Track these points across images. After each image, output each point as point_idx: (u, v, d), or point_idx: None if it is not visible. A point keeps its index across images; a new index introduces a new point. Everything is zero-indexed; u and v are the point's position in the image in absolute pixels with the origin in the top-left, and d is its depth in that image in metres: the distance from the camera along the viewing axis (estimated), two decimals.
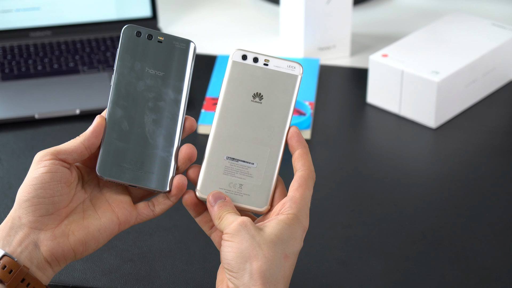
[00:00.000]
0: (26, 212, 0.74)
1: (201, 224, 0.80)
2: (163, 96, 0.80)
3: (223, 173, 0.78)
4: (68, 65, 1.28)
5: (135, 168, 0.78)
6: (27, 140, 1.14)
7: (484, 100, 1.21)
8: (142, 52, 0.80)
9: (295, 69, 0.78)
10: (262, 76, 0.79)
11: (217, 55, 1.32)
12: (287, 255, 0.74)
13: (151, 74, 0.80)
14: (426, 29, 1.24)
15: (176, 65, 0.81)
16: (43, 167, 0.75)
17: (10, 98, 1.21)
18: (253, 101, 0.78)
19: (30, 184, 0.74)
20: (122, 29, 0.80)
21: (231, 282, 0.73)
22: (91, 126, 0.78)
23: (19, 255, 0.73)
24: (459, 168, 1.07)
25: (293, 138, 0.78)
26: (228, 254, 0.73)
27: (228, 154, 0.78)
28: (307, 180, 0.76)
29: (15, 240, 0.74)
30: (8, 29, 1.34)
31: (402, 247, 0.93)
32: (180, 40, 0.82)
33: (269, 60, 0.79)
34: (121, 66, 0.80)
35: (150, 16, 1.39)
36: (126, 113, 0.79)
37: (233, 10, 1.50)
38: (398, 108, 1.17)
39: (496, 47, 1.19)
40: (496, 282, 0.88)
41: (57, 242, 0.75)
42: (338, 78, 1.29)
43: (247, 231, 0.73)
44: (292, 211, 0.75)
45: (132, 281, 0.89)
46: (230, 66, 0.79)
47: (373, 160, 1.10)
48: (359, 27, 1.41)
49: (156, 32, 0.81)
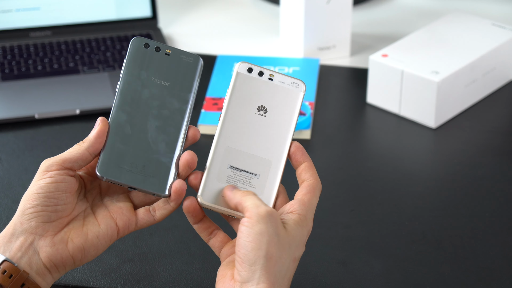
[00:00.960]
0: (28, 219, 0.74)
1: (199, 231, 0.80)
2: (167, 105, 0.81)
3: (226, 181, 0.78)
4: (68, 65, 1.28)
5: (135, 171, 0.78)
6: (27, 140, 1.14)
7: (484, 100, 1.21)
8: (149, 62, 0.81)
9: (299, 86, 0.80)
10: (266, 90, 0.80)
11: (217, 55, 1.32)
12: (295, 258, 0.75)
13: (157, 83, 0.81)
14: (426, 29, 1.24)
15: (183, 77, 0.82)
16: (49, 177, 0.75)
17: (10, 98, 1.21)
18: (258, 114, 0.79)
19: (34, 192, 0.75)
20: (131, 41, 0.82)
21: (240, 274, 0.72)
22: (94, 130, 0.78)
23: (19, 260, 0.73)
24: (459, 168, 1.07)
25: (298, 153, 0.79)
26: (248, 244, 0.72)
27: (231, 163, 0.78)
28: (315, 188, 0.77)
29: (16, 246, 0.74)
30: (8, 29, 1.34)
31: (402, 247, 0.93)
32: (188, 55, 0.83)
33: (274, 75, 0.80)
34: (127, 74, 0.81)
35: (150, 16, 1.39)
36: (130, 118, 0.79)
37: (233, 10, 1.50)
38: (398, 108, 1.17)
39: (496, 47, 1.19)
40: (496, 282, 0.88)
41: (56, 249, 0.75)
42: (338, 78, 1.29)
43: (273, 225, 0.72)
44: (302, 212, 0.76)
45: (132, 281, 0.89)
46: (235, 77, 0.80)
47: (373, 160, 1.10)
48: (359, 27, 1.41)
49: (164, 45, 0.83)
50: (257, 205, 0.73)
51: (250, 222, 0.72)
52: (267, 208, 0.73)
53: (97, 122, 0.79)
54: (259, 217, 0.72)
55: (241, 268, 0.72)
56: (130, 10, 1.38)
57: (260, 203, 0.74)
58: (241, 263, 0.72)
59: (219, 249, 0.80)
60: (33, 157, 1.11)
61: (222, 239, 0.80)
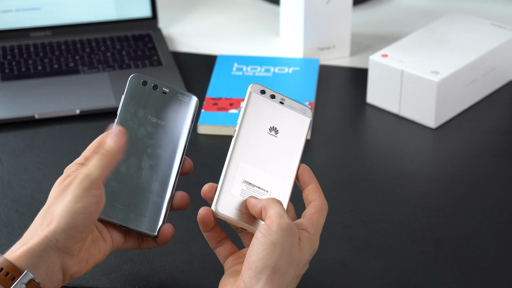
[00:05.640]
0: (67, 238, 0.72)
1: (208, 239, 0.81)
2: (162, 144, 0.83)
3: (240, 195, 0.79)
4: (68, 65, 1.28)
5: (128, 210, 0.80)
6: (27, 140, 1.14)
7: (484, 100, 1.21)
8: (146, 100, 0.83)
9: (307, 113, 0.83)
10: (278, 112, 0.82)
11: (217, 55, 1.32)
12: (300, 275, 0.76)
13: (153, 122, 0.83)
14: (426, 29, 1.24)
15: (178, 116, 0.84)
16: (93, 196, 0.73)
17: (10, 98, 1.21)
18: (269, 134, 0.82)
19: (80, 212, 0.72)
20: (129, 77, 0.84)
21: (243, 280, 0.72)
22: (118, 145, 0.76)
23: (44, 278, 0.72)
24: (459, 168, 1.07)
25: (305, 174, 0.81)
26: (259, 252, 0.72)
27: (245, 178, 0.80)
28: (322, 209, 0.79)
29: (45, 264, 0.72)
30: (8, 29, 1.34)
31: (402, 247, 0.93)
32: (184, 94, 0.85)
33: (284, 99, 0.83)
34: (125, 111, 0.83)
35: (150, 16, 1.39)
36: (125, 156, 0.81)
37: (233, 10, 1.50)
38: (398, 108, 1.17)
39: (496, 47, 1.19)
40: (496, 282, 0.88)
41: (79, 267, 0.75)
42: (338, 78, 1.29)
43: (290, 240, 0.73)
44: (311, 231, 0.77)
45: (132, 281, 0.89)
46: (249, 97, 0.82)
47: (373, 160, 1.10)
48: (359, 27, 1.41)
49: (162, 84, 0.84)
50: (281, 216, 0.74)
51: (268, 231, 0.73)
52: (289, 221, 0.74)
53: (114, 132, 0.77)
54: (278, 228, 0.73)
55: (246, 274, 0.72)
56: (130, 10, 1.37)
57: (284, 214, 0.74)
58: (248, 269, 0.72)
59: (224, 258, 0.81)
60: (33, 157, 1.11)
61: (230, 249, 0.81)
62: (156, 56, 1.30)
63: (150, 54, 1.31)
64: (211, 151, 1.10)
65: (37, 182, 1.05)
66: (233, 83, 1.23)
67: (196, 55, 1.35)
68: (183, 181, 0.86)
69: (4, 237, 0.96)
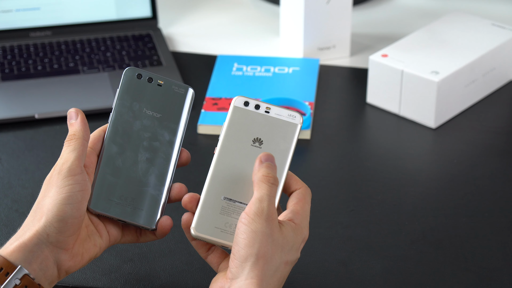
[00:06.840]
0: (57, 232, 0.73)
1: (197, 247, 0.81)
2: (158, 137, 0.82)
3: (220, 212, 0.78)
4: (68, 65, 1.28)
5: (125, 204, 0.80)
6: (27, 140, 1.14)
7: (484, 100, 1.21)
8: (141, 93, 0.83)
9: (295, 118, 0.81)
10: (262, 122, 0.81)
11: (217, 55, 1.32)
12: (287, 261, 0.75)
13: (149, 115, 0.83)
14: (426, 29, 1.24)
15: (174, 108, 0.83)
16: (76, 183, 0.74)
17: (10, 98, 1.21)
18: (253, 146, 0.80)
19: (65, 202, 0.73)
20: (124, 71, 0.83)
21: (231, 271, 0.73)
22: (76, 125, 0.78)
23: (38, 273, 0.72)
24: (459, 168, 1.07)
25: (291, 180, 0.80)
26: (241, 241, 0.72)
27: (225, 195, 0.79)
28: (305, 195, 0.78)
29: (39, 259, 0.72)
30: (8, 29, 1.34)
31: (402, 247, 0.93)
32: (179, 85, 0.85)
33: (270, 108, 0.81)
34: (120, 105, 0.82)
35: (150, 16, 1.39)
36: (121, 150, 0.81)
37: (233, 10, 1.50)
38: (398, 108, 1.17)
39: (496, 47, 1.19)
40: (496, 282, 0.88)
41: (74, 262, 0.75)
42: (338, 78, 1.29)
43: (269, 226, 0.73)
44: (297, 221, 0.76)
45: (132, 281, 0.89)
46: (232, 111, 0.81)
47: (373, 160, 1.10)
48: (359, 27, 1.41)
49: (157, 76, 0.84)
50: (260, 200, 0.73)
51: (247, 220, 0.73)
52: (267, 207, 0.73)
53: (72, 116, 0.79)
54: (255, 216, 0.73)
55: (232, 264, 0.73)
56: (130, 10, 1.38)
57: (265, 197, 0.74)
58: (233, 260, 0.73)
59: (217, 265, 0.80)
60: (33, 157, 1.11)
61: (220, 255, 0.80)
62: (156, 56, 1.30)
63: (150, 54, 1.31)
64: (211, 151, 1.10)
65: (37, 182, 1.05)
66: (233, 83, 1.23)
67: (196, 55, 1.35)
68: (183, 181, 0.86)
69: (4, 237, 0.96)
